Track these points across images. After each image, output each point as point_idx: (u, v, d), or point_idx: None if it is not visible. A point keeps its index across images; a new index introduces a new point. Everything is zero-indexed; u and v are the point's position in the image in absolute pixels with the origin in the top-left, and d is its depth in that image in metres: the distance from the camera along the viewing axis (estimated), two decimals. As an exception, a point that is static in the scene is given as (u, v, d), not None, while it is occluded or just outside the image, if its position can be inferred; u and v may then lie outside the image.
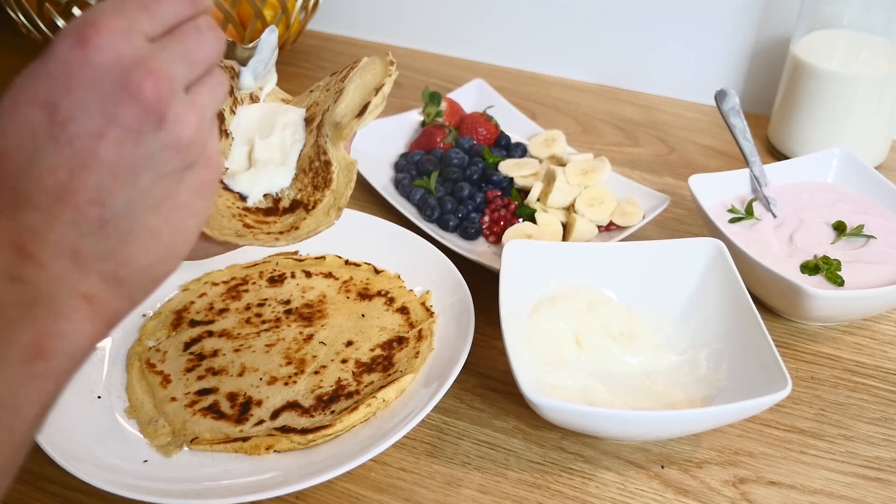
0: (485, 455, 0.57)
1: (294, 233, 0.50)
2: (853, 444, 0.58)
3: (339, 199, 0.51)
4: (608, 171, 0.78)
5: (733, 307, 0.60)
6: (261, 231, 0.49)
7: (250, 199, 0.52)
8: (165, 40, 0.35)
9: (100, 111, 0.32)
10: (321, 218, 0.50)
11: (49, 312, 0.32)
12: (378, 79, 0.53)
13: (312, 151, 0.53)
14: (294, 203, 0.52)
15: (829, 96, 0.83)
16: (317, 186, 0.52)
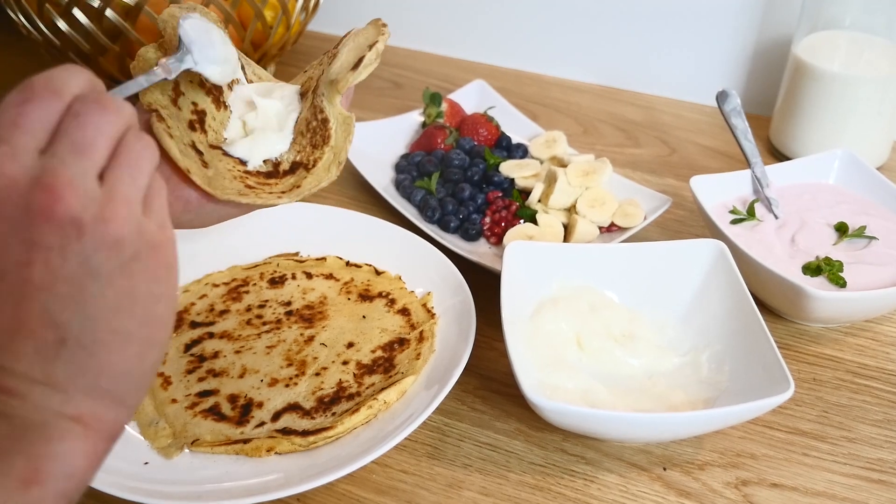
0: (486, 457, 0.57)
1: (296, 191, 0.51)
2: (856, 446, 0.58)
3: (338, 153, 0.51)
4: (609, 172, 0.78)
5: (735, 309, 0.60)
6: (263, 191, 0.50)
7: (250, 163, 0.53)
8: (54, 145, 0.33)
9: (17, 240, 0.32)
10: (322, 174, 0.51)
11: (40, 438, 0.32)
12: (371, 39, 0.54)
13: (309, 113, 0.54)
14: (294, 165, 0.53)
15: (831, 97, 0.83)
16: (315, 145, 0.53)
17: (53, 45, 0.89)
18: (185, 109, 0.54)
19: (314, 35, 1.20)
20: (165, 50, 0.56)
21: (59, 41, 0.88)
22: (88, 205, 0.33)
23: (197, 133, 0.54)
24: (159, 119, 0.51)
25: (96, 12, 0.83)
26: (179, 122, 0.54)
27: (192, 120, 0.54)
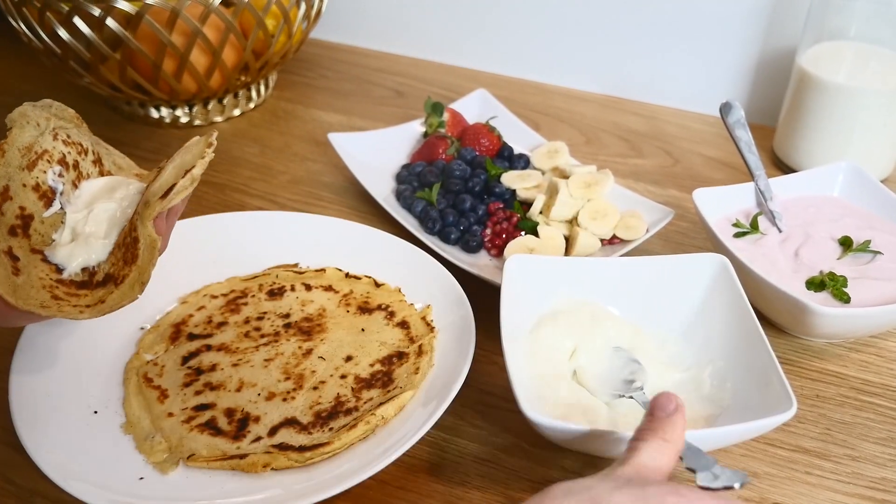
0: (485, 474, 0.56)
1: (99, 306, 0.51)
2: (859, 465, 0.57)
3: (142, 274, 0.52)
4: (611, 184, 0.77)
5: (738, 324, 0.59)
6: (68, 304, 0.52)
7: (66, 271, 0.55)
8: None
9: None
10: (126, 292, 0.52)
11: None
12: (194, 160, 0.55)
13: (127, 227, 0.56)
14: (106, 277, 0.54)
15: (836, 109, 0.82)
16: (126, 261, 0.54)
17: (54, 53, 0.89)
18: (10, 214, 0.56)
19: (316, 43, 1.20)
20: (4, 152, 0.58)
21: (59, 49, 0.88)
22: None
23: (18, 238, 0.56)
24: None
25: (97, 21, 0.83)
26: (0, 227, 0.56)
27: (15, 225, 0.56)
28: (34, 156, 0.59)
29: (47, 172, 0.59)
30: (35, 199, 0.57)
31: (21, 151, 0.59)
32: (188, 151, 0.57)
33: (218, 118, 1.01)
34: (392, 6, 1.16)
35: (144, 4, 0.82)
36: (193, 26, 0.84)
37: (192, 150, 0.57)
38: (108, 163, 0.62)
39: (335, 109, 1.05)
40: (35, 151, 0.60)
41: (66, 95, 1.06)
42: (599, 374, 0.60)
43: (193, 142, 0.58)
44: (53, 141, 0.61)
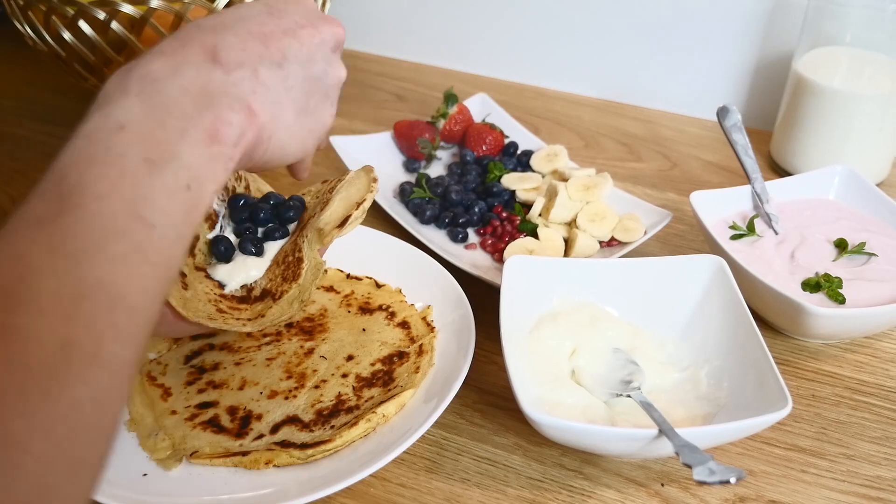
0: (484, 471, 0.57)
1: (260, 320, 0.55)
2: (854, 464, 0.58)
3: (303, 292, 0.56)
4: (610, 186, 0.78)
5: (734, 324, 0.60)
6: (231, 316, 0.55)
7: (228, 287, 0.58)
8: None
9: (307, 19, 0.46)
10: (285, 307, 0.56)
11: (224, 105, 0.40)
12: (361, 193, 0.59)
13: (289, 247, 0.59)
14: (264, 292, 0.57)
15: (832, 113, 0.83)
16: (286, 279, 0.57)
17: (59, 56, 0.89)
18: None
19: (318, 47, 1.21)
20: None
21: (64, 52, 0.88)
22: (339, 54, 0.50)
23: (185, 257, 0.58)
24: None
25: (102, 24, 0.83)
26: None
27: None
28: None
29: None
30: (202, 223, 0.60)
31: None
32: (352, 185, 0.61)
33: (220, 121, 1.02)
34: (393, 12, 1.17)
35: (149, 8, 0.83)
36: (197, 30, 0.85)
37: (355, 184, 0.61)
38: (254, 188, 0.66)
39: (337, 113, 1.05)
40: None
41: (70, 98, 1.07)
42: (598, 374, 0.61)
43: (353, 175, 0.62)
44: None
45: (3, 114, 1.05)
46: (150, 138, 0.36)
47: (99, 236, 0.32)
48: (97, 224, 0.32)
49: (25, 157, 0.95)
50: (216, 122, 0.39)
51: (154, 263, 0.34)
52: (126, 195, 0.34)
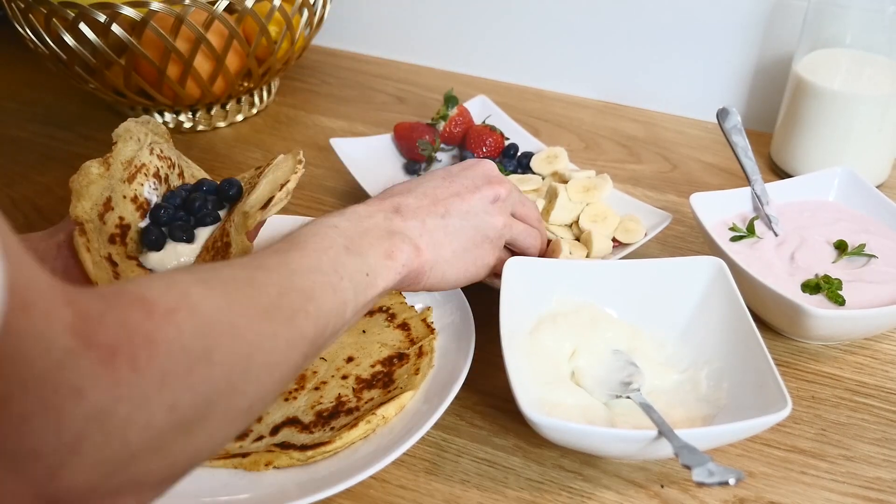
0: (484, 473, 0.57)
1: None
2: (854, 465, 0.58)
3: None
4: (610, 188, 0.78)
5: (734, 326, 0.60)
6: None
7: None
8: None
9: (474, 182, 0.60)
10: None
11: (398, 240, 0.54)
12: (286, 175, 0.61)
13: (218, 233, 0.60)
14: None
15: (831, 115, 0.83)
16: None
17: (60, 58, 0.90)
18: (110, 223, 0.61)
19: (319, 50, 1.21)
20: (109, 165, 0.63)
21: (65, 55, 0.89)
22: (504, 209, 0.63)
23: (116, 246, 0.61)
24: (81, 233, 0.58)
25: (102, 27, 0.84)
26: (101, 234, 0.60)
27: (114, 234, 0.61)
28: (134, 169, 0.64)
29: (144, 185, 0.64)
30: (133, 210, 0.62)
31: (123, 165, 0.64)
32: (278, 168, 0.63)
33: (221, 123, 1.02)
34: (393, 14, 1.17)
35: (149, 11, 0.83)
36: (198, 32, 0.86)
37: (282, 167, 0.63)
38: (188, 175, 0.67)
39: (337, 115, 1.06)
40: (135, 165, 0.64)
41: (70, 101, 1.07)
42: (598, 375, 0.61)
43: (281, 159, 0.64)
44: (150, 155, 0.66)
45: (4, 116, 1.05)
46: (350, 240, 0.51)
47: (310, 267, 0.47)
48: (311, 262, 0.48)
49: (26, 160, 0.96)
50: (391, 248, 0.53)
51: (336, 299, 0.47)
52: (331, 256, 0.49)
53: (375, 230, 0.54)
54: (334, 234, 0.51)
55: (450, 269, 0.58)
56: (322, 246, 0.49)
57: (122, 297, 0.35)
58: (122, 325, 0.33)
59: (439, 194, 0.59)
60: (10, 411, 0.29)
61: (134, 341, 0.33)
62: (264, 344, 0.41)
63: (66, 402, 0.30)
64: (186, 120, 1.00)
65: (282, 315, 0.43)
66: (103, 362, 0.31)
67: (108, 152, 0.65)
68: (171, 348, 0.34)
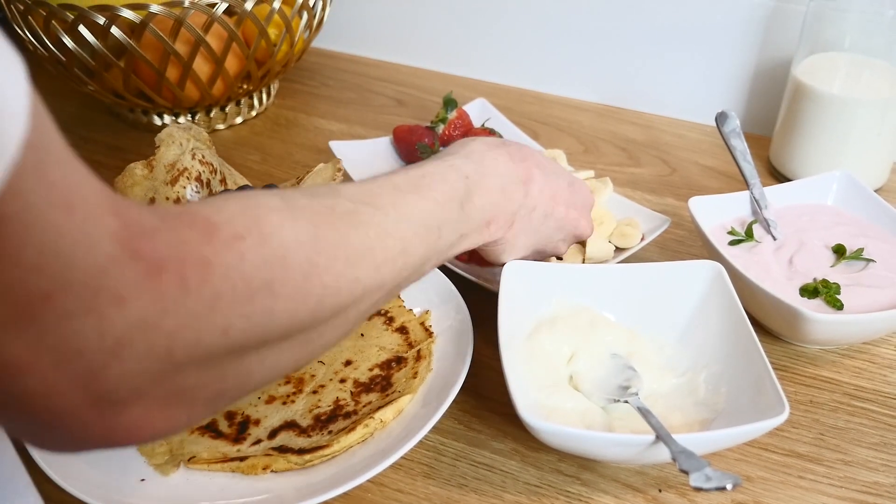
0: (482, 477, 0.57)
1: None
2: (852, 469, 0.58)
3: None
4: (609, 192, 0.78)
5: (732, 330, 0.60)
6: None
7: None
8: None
9: (576, 207, 0.62)
10: None
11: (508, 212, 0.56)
12: (327, 182, 0.62)
13: None
14: None
15: (830, 119, 0.83)
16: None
17: (59, 61, 0.90)
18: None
19: (318, 52, 1.21)
20: (152, 167, 0.64)
21: (64, 57, 0.89)
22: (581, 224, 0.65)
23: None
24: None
25: (102, 29, 0.84)
26: None
27: None
28: (176, 172, 0.66)
29: (186, 188, 0.65)
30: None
31: (166, 168, 0.66)
32: (319, 175, 0.63)
33: (220, 126, 1.02)
34: (393, 16, 1.17)
35: (149, 13, 0.83)
36: (197, 35, 0.86)
37: (322, 174, 0.63)
38: (230, 182, 0.68)
39: (336, 118, 1.06)
40: (177, 168, 0.66)
41: (69, 103, 1.07)
42: (596, 379, 0.61)
43: (321, 167, 0.64)
44: (192, 160, 0.67)
45: (4, 118, 1.05)
46: (468, 194, 0.52)
47: (421, 219, 0.47)
48: (424, 213, 0.47)
49: (25, 162, 0.95)
50: (496, 216, 0.55)
51: (427, 252, 0.48)
52: (445, 210, 0.49)
53: (494, 189, 0.54)
54: (458, 184, 0.51)
55: (510, 254, 0.60)
56: (443, 196, 0.49)
57: (184, 217, 0.34)
58: (174, 244, 0.32)
59: (559, 195, 0.60)
60: (52, 308, 0.29)
61: (186, 261, 0.32)
62: (342, 289, 0.39)
63: (108, 307, 0.30)
64: (185, 122, 1.00)
65: (371, 262, 0.42)
66: (149, 275, 0.31)
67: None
68: (227, 273, 0.33)
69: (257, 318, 0.35)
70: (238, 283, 0.34)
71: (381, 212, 0.44)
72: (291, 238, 0.37)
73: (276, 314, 0.36)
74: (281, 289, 0.36)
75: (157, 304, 0.31)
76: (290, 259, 0.37)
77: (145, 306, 0.31)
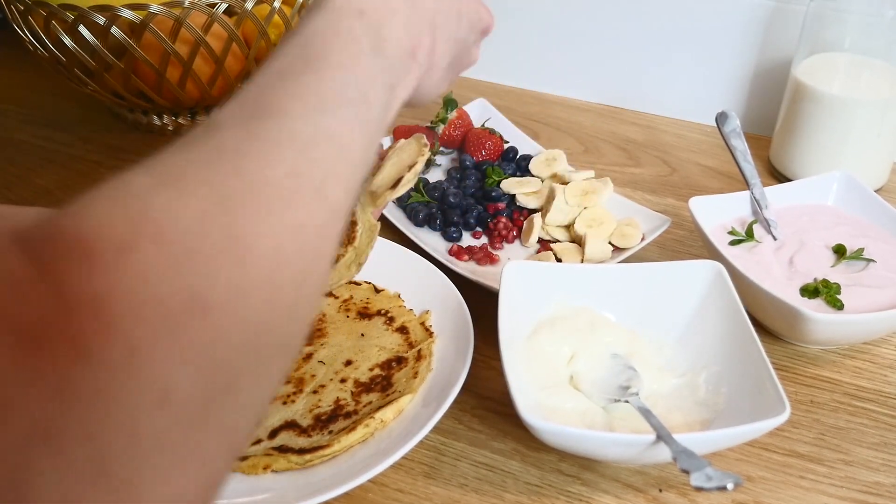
0: (482, 477, 0.57)
1: None
2: (852, 469, 0.58)
3: (359, 255, 0.56)
4: (610, 192, 0.78)
5: (732, 330, 0.60)
6: None
7: None
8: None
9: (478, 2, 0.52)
10: (343, 272, 0.55)
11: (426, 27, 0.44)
12: (413, 157, 0.59)
13: None
14: None
15: (830, 119, 0.83)
16: (341, 242, 0.55)
17: (59, 61, 0.90)
18: None
19: (318, 52, 1.21)
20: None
21: (64, 57, 0.89)
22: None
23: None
24: None
25: (102, 29, 0.84)
26: None
27: None
28: None
29: None
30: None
31: None
32: (403, 151, 0.61)
33: (220, 126, 1.02)
34: (393, 16, 1.17)
35: (149, 13, 0.83)
36: (197, 35, 0.85)
37: (406, 150, 0.61)
38: None
39: (336, 118, 1.06)
40: None
41: (69, 103, 1.07)
42: (596, 379, 0.61)
43: (404, 143, 0.62)
44: None
45: (4, 119, 1.05)
46: (379, 32, 0.40)
47: (333, 98, 0.36)
48: (335, 87, 0.36)
49: (25, 162, 0.96)
50: (417, 38, 0.43)
51: (366, 135, 0.38)
52: (358, 73, 0.38)
53: (400, 8, 0.42)
54: (361, 29, 0.40)
55: (432, 84, 0.49)
56: (349, 55, 0.38)
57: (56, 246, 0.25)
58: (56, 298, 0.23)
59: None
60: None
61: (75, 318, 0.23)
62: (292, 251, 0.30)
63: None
64: (186, 122, 1.00)
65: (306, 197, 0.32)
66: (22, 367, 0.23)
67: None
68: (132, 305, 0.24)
69: (202, 355, 0.26)
70: (156, 308, 0.25)
71: (280, 120, 0.33)
72: (186, 226, 0.27)
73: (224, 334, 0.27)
74: (212, 294, 0.26)
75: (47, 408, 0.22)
76: (199, 252, 0.27)
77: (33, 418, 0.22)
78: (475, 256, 0.76)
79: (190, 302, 0.26)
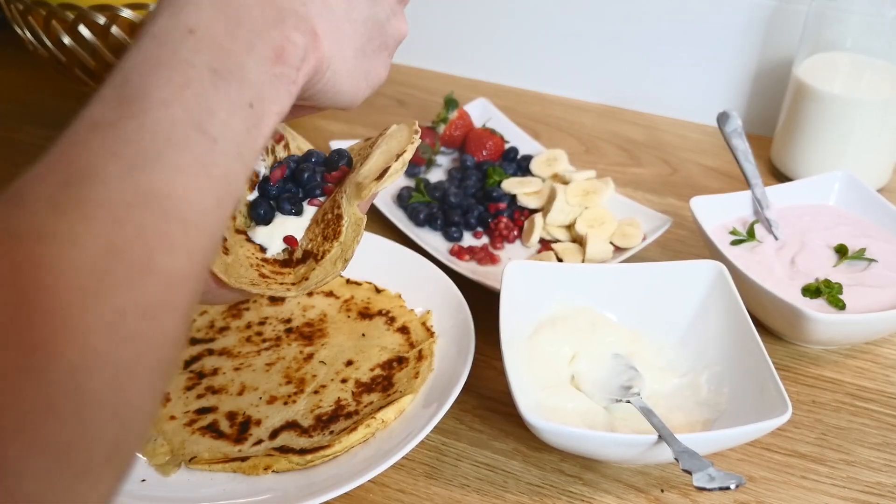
0: (484, 477, 0.57)
1: (304, 283, 0.51)
2: (854, 469, 0.58)
3: (346, 251, 0.53)
4: (611, 192, 0.78)
5: (734, 330, 0.60)
6: (274, 281, 0.51)
7: (270, 250, 0.54)
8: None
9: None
10: (329, 268, 0.52)
11: (291, 24, 0.38)
12: (402, 145, 0.56)
13: (328, 204, 0.56)
14: (305, 253, 0.54)
15: (832, 119, 0.83)
16: (326, 237, 0.54)
17: (59, 61, 0.89)
18: None
19: (318, 52, 1.21)
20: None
21: (64, 57, 0.88)
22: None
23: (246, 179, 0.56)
24: None
25: (102, 29, 0.84)
26: None
27: None
28: None
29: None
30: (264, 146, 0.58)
31: None
32: (392, 138, 0.58)
33: (220, 126, 1.02)
34: (393, 16, 1.17)
35: (148, 13, 0.83)
36: (197, 35, 0.85)
37: (396, 137, 0.58)
38: (294, 146, 0.63)
39: (337, 118, 1.06)
40: None
41: (69, 103, 1.07)
42: (598, 379, 0.61)
43: (395, 129, 0.59)
44: None
45: (3, 118, 1.05)
46: (219, 48, 0.34)
47: (159, 144, 0.31)
48: (159, 131, 0.31)
49: (25, 162, 0.95)
50: (283, 40, 0.37)
51: (214, 177, 0.32)
52: (190, 105, 0.32)
53: (256, 10, 0.36)
54: (190, 51, 0.34)
55: (346, 77, 0.44)
56: (175, 87, 0.32)
57: None
58: None
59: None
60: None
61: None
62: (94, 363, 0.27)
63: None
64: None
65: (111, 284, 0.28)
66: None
67: None
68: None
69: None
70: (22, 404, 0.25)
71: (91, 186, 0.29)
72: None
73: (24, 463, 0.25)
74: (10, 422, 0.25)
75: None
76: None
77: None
78: (476, 256, 0.76)
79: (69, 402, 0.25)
